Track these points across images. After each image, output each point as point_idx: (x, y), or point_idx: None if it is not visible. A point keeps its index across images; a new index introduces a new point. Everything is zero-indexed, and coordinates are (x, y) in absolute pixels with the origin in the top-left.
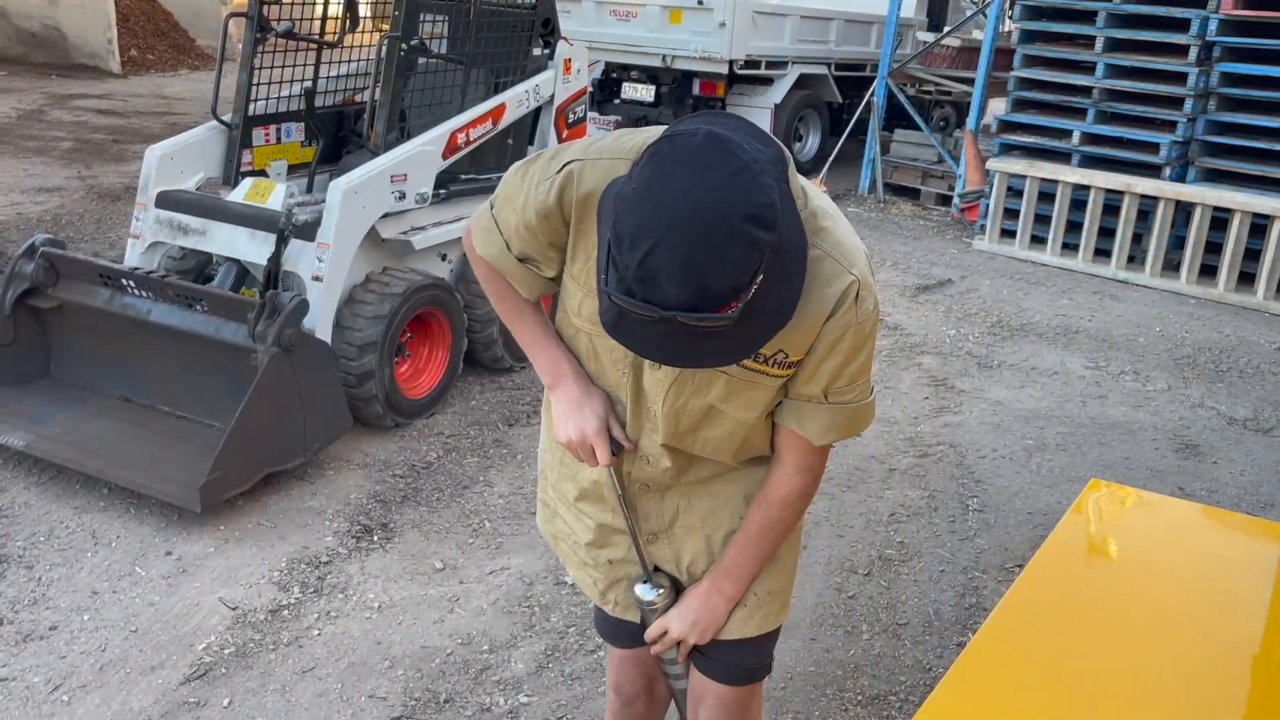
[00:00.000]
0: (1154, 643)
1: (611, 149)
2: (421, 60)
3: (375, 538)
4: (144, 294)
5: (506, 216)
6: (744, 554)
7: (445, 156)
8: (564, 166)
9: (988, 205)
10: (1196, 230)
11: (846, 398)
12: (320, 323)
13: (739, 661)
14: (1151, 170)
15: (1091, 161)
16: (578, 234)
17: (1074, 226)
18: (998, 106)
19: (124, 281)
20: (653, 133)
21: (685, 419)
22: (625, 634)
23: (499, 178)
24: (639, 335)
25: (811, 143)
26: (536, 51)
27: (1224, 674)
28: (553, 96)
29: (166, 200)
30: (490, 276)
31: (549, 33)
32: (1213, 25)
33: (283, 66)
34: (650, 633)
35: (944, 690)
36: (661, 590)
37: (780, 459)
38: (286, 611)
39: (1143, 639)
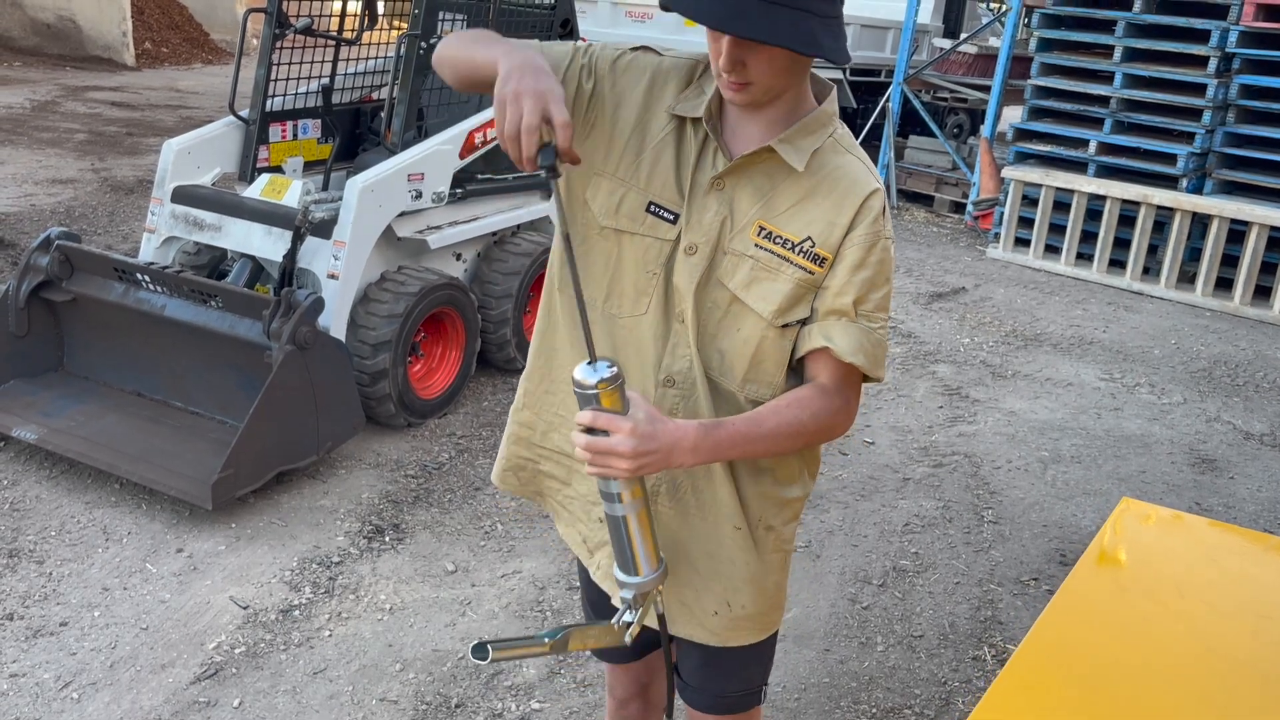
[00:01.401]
0: (1191, 669)
1: (685, 55)
2: None
3: (387, 538)
4: (158, 289)
5: (559, 45)
6: (743, 431)
7: (462, 156)
8: (636, 52)
9: (1002, 213)
10: (1213, 242)
11: (874, 324)
12: (335, 321)
13: (718, 690)
14: (1168, 181)
15: (1108, 171)
16: (635, 131)
17: (1089, 236)
18: (1013, 114)
19: (139, 276)
20: None
21: (711, 315)
22: (621, 652)
23: (514, 178)
24: None
25: None
26: None
27: (1263, 702)
28: None
29: (182, 195)
30: (467, 33)
31: (568, 33)
32: (1232, 37)
33: (300, 63)
34: (582, 418)
35: (981, 714)
36: (607, 376)
37: (815, 379)
38: (298, 611)
39: (1180, 665)
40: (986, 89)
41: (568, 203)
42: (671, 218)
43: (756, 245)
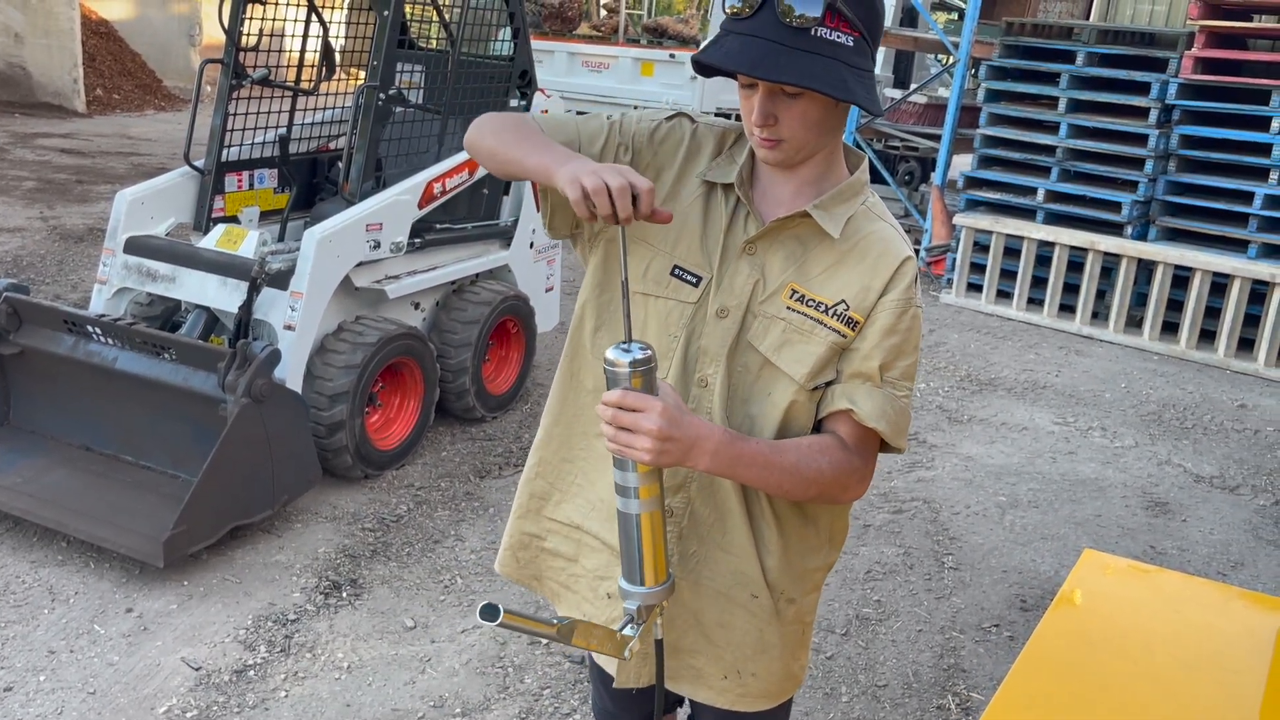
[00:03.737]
0: None
1: (720, 123)
2: (398, 109)
3: (344, 594)
4: (110, 341)
5: (590, 122)
6: (765, 454)
7: (421, 206)
8: (678, 119)
9: (954, 260)
10: (1158, 288)
11: (899, 392)
12: (291, 372)
13: None
14: (1114, 228)
15: (1056, 218)
16: (662, 171)
17: (1039, 282)
18: (963, 162)
19: (89, 328)
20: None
21: (742, 380)
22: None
23: (473, 227)
24: (727, 48)
25: None
26: (513, 103)
27: None
28: None
29: (136, 246)
30: (505, 123)
31: (526, 84)
32: (1172, 89)
33: (257, 113)
34: (610, 397)
35: None
36: (641, 358)
37: (835, 435)
38: (252, 672)
39: None
40: (936, 138)
41: (603, 264)
42: (694, 280)
43: (788, 308)
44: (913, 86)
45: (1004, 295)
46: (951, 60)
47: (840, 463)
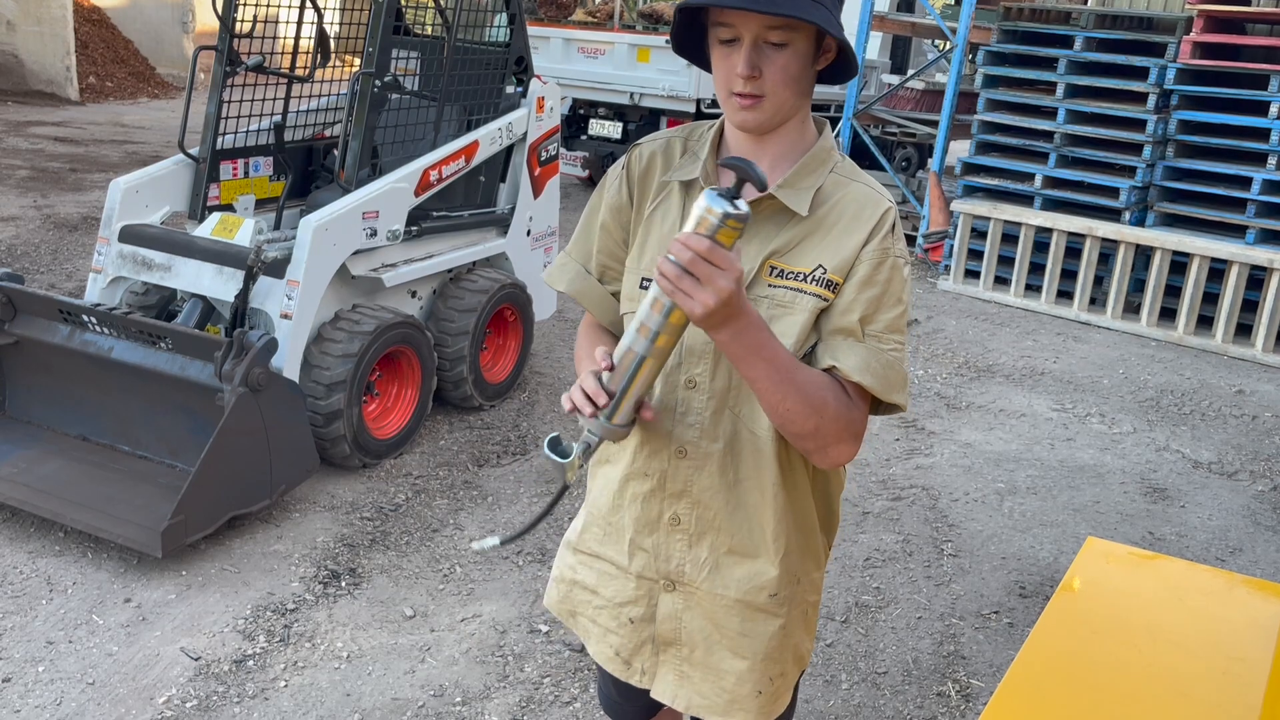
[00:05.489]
0: (1166, 715)
1: (664, 133)
2: (394, 96)
3: (343, 583)
4: (106, 331)
5: (583, 235)
6: (782, 358)
7: (417, 193)
8: (626, 157)
9: (952, 246)
10: (1156, 274)
11: (884, 346)
12: (288, 361)
13: None
14: (1112, 214)
15: (1053, 204)
16: (639, 207)
17: (1037, 268)
18: (961, 148)
19: (85, 318)
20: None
21: (734, 368)
22: (633, 711)
23: (470, 215)
24: None
25: None
26: (510, 89)
27: None
28: (525, 134)
29: (130, 235)
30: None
31: (522, 71)
32: (1170, 74)
33: (252, 100)
34: (699, 244)
35: None
36: (736, 213)
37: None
38: (252, 661)
39: (1155, 711)
40: (934, 124)
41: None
42: None
43: (770, 284)
44: (910, 72)
45: (1002, 281)
46: (949, 46)
47: (843, 403)
